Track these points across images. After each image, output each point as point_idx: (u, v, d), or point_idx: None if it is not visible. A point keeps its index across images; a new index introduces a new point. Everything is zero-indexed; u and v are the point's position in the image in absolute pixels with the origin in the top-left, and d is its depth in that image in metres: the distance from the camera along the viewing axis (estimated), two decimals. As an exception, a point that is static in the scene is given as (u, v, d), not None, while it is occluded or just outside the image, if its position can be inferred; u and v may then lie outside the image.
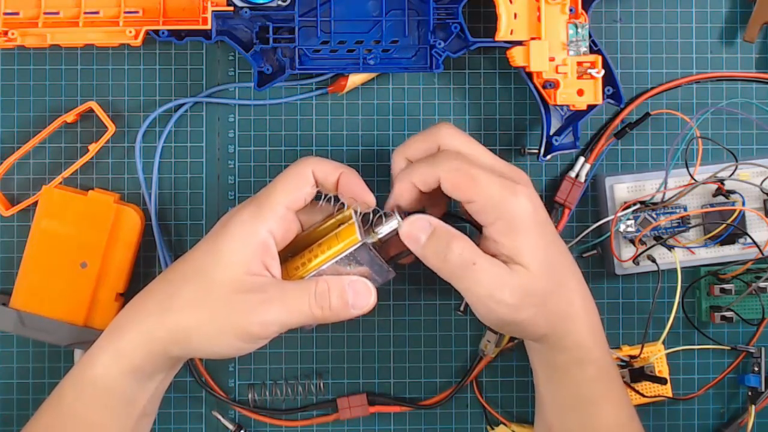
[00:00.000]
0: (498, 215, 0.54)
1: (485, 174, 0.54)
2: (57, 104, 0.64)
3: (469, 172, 0.54)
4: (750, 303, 0.65)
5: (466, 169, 0.54)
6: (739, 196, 0.63)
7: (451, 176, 0.54)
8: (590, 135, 0.65)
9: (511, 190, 0.54)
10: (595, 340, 0.57)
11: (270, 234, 0.55)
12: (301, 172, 0.56)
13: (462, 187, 0.54)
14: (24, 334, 0.61)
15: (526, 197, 0.54)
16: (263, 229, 0.54)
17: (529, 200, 0.54)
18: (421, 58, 0.62)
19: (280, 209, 0.55)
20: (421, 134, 0.57)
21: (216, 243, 0.55)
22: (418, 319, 0.65)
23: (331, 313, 0.55)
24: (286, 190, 0.55)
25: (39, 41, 0.60)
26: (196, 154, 0.65)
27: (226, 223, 0.55)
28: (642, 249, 0.63)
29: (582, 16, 0.61)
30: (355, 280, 0.56)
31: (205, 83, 0.65)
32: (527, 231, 0.54)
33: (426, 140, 0.57)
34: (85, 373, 0.55)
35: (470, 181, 0.54)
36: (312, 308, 0.54)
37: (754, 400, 0.64)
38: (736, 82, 0.66)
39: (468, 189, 0.54)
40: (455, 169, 0.54)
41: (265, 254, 0.54)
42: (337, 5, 0.61)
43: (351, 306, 0.55)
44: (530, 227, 0.54)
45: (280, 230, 0.55)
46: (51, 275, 0.61)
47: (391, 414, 0.65)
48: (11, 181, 0.64)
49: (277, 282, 0.55)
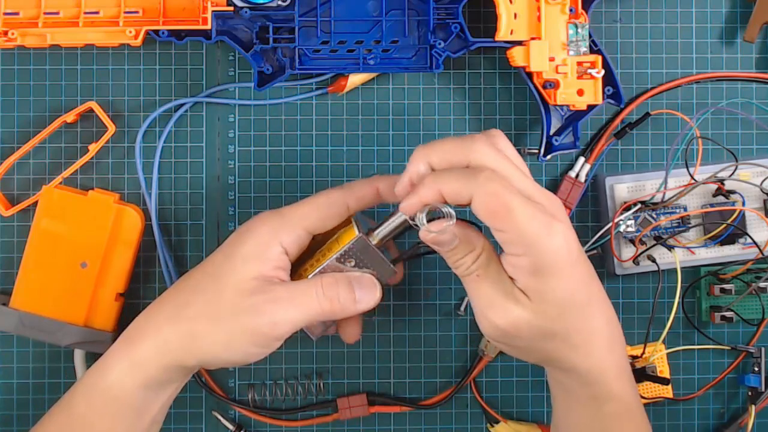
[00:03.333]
0: (526, 251, 0.50)
1: (523, 206, 0.49)
2: (57, 104, 0.64)
3: (507, 201, 0.49)
4: (750, 303, 0.65)
5: (503, 196, 0.49)
6: (739, 196, 0.63)
7: (486, 201, 0.49)
8: (590, 135, 0.65)
9: (548, 229, 0.49)
10: (619, 377, 0.54)
11: (284, 250, 0.55)
12: (333, 202, 0.56)
13: (496, 216, 0.49)
14: (24, 334, 0.61)
15: (562, 236, 0.50)
16: (280, 245, 0.55)
17: (565, 240, 0.50)
18: (421, 58, 0.62)
19: (300, 231, 0.55)
20: (453, 142, 0.52)
21: (230, 253, 0.55)
22: (418, 319, 0.65)
23: (339, 306, 0.54)
24: (311, 217, 0.55)
25: (39, 41, 0.60)
26: (196, 154, 0.65)
27: (244, 233, 0.55)
28: (642, 249, 0.63)
29: (582, 16, 0.61)
30: (360, 275, 0.55)
31: (205, 83, 0.65)
32: (552, 275, 0.50)
33: (457, 151, 0.51)
34: (98, 381, 0.55)
35: (506, 211, 0.49)
36: (321, 302, 0.54)
37: (754, 400, 0.64)
38: (736, 82, 0.66)
39: (503, 219, 0.49)
40: (492, 193, 0.49)
41: (278, 267, 0.55)
42: (337, 5, 0.61)
43: (357, 300, 0.55)
44: (557, 271, 0.50)
45: (295, 247, 0.55)
46: (51, 275, 0.61)
47: (391, 414, 0.65)
48: (11, 181, 0.64)
49: (284, 282, 0.55)
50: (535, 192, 0.51)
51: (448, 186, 0.50)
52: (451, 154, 0.51)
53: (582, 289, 0.52)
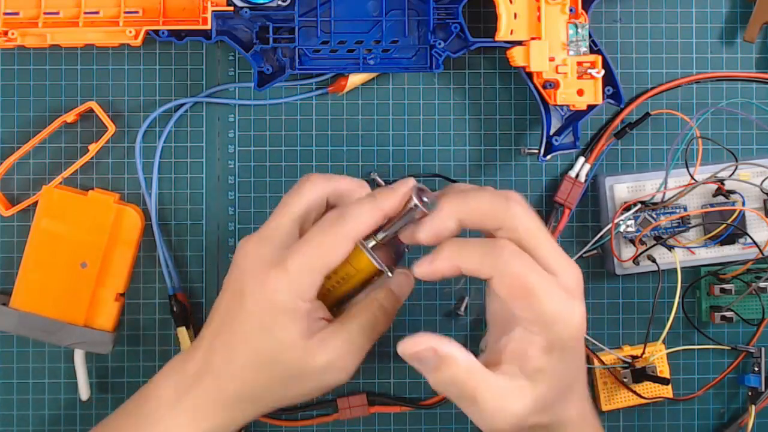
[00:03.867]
0: (543, 329, 0.49)
1: (545, 288, 0.48)
2: (57, 104, 0.64)
3: (529, 283, 0.48)
4: (750, 303, 0.65)
5: (525, 277, 0.48)
6: (739, 196, 0.63)
7: (507, 281, 0.48)
8: (590, 135, 0.65)
9: (570, 310, 0.49)
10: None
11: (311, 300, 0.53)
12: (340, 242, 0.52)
13: (518, 298, 0.48)
14: (24, 334, 0.61)
15: (580, 316, 0.49)
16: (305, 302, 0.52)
17: (583, 319, 0.49)
18: (421, 58, 0.62)
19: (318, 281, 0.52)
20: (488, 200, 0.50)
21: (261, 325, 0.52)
22: (418, 319, 0.65)
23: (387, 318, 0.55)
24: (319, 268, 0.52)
25: (39, 41, 0.60)
26: (196, 154, 0.65)
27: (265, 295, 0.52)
28: (642, 249, 0.63)
29: (582, 16, 0.61)
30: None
31: (205, 83, 0.65)
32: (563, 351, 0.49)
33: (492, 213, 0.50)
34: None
35: (528, 293, 0.48)
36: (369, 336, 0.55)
37: (754, 400, 0.64)
38: (736, 82, 0.66)
39: (524, 301, 0.48)
40: (515, 275, 0.48)
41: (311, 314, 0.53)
42: (337, 5, 0.61)
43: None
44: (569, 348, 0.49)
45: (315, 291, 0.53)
46: (51, 275, 0.61)
47: (391, 414, 0.65)
48: (11, 181, 0.64)
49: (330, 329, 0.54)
50: (557, 261, 0.50)
51: (468, 262, 0.49)
52: (486, 215, 0.50)
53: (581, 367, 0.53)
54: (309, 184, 0.55)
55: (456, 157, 0.65)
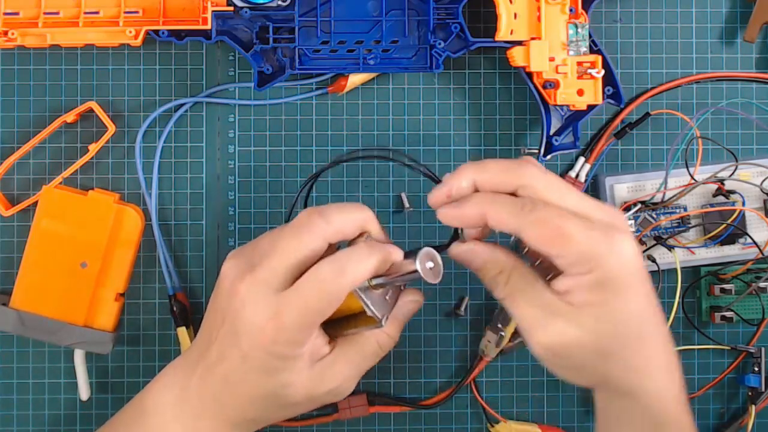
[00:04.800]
0: (590, 269, 0.48)
1: (577, 226, 0.47)
2: (57, 104, 0.64)
3: (559, 226, 0.47)
4: (750, 303, 0.65)
5: (555, 220, 0.48)
6: (739, 196, 0.63)
7: (538, 230, 0.48)
8: (590, 135, 0.65)
9: (610, 240, 0.48)
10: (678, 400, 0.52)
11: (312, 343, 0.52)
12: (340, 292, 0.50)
13: (551, 243, 0.47)
14: (24, 334, 0.61)
15: (629, 246, 0.48)
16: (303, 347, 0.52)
17: (634, 250, 0.48)
18: (421, 58, 0.62)
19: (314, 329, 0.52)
20: (502, 163, 0.51)
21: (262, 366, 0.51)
22: (418, 319, 0.65)
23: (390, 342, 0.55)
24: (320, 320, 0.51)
25: (39, 41, 0.60)
26: (196, 154, 0.65)
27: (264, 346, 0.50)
28: (642, 249, 0.63)
29: (582, 16, 0.61)
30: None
31: (205, 83, 0.65)
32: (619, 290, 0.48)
33: (506, 174, 0.50)
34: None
35: (560, 235, 0.47)
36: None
37: (754, 400, 0.64)
38: (736, 82, 0.66)
39: (558, 245, 0.47)
40: (543, 219, 0.48)
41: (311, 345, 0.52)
42: (337, 5, 0.61)
43: None
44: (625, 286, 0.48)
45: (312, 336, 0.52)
46: (51, 275, 0.61)
47: (391, 414, 0.65)
48: (11, 181, 0.64)
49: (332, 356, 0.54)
50: (592, 208, 0.49)
51: (496, 211, 0.49)
52: (500, 175, 0.50)
53: (647, 308, 0.50)
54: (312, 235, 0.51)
55: (456, 158, 0.65)
